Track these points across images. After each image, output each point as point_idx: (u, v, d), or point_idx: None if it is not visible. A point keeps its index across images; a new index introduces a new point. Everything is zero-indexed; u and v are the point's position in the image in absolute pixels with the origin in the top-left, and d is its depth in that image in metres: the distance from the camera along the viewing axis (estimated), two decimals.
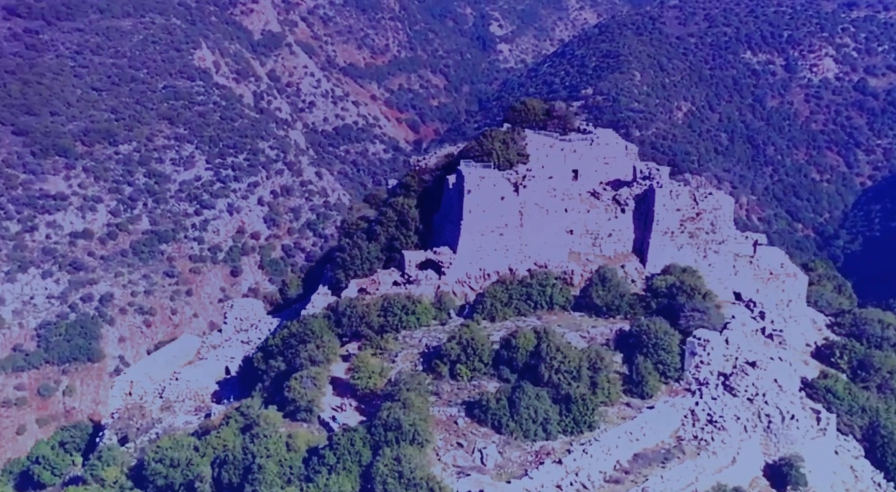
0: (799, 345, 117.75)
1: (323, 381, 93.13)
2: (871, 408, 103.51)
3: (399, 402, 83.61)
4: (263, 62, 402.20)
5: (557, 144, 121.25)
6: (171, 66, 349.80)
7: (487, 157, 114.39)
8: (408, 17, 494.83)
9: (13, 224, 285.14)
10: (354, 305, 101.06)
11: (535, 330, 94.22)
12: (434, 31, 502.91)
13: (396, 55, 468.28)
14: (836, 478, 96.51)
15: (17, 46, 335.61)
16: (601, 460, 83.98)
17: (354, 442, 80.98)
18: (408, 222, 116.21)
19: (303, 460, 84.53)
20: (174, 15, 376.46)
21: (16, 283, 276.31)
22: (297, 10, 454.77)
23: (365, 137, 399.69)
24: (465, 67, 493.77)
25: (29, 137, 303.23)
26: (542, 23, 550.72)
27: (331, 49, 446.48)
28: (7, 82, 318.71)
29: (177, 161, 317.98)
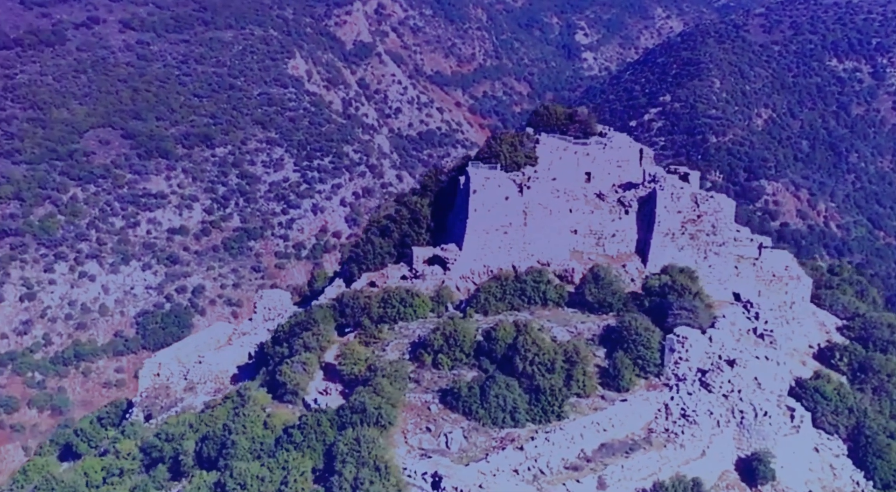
0: (801, 346, 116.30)
1: (313, 366, 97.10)
2: (858, 409, 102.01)
3: (371, 387, 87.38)
4: (354, 71, 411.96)
5: (571, 147, 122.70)
6: (267, 74, 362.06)
7: (495, 159, 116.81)
8: (494, 27, 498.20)
9: (118, 220, 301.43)
10: (357, 297, 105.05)
11: (515, 323, 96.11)
12: (520, 40, 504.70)
13: (482, 64, 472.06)
14: (811, 475, 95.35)
15: (130, 57, 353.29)
16: (564, 448, 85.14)
17: (321, 422, 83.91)
18: (419, 220, 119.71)
19: (276, 438, 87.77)
20: (272, 27, 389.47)
21: (119, 274, 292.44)
22: (389, 21, 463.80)
23: (447, 141, 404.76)
24: (549, 75, 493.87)
25: (136, 140, 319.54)
26: (627, 31, 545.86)
27: (419, 58, 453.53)
28: (119, 90, 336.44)
29: (267, 163, 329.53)
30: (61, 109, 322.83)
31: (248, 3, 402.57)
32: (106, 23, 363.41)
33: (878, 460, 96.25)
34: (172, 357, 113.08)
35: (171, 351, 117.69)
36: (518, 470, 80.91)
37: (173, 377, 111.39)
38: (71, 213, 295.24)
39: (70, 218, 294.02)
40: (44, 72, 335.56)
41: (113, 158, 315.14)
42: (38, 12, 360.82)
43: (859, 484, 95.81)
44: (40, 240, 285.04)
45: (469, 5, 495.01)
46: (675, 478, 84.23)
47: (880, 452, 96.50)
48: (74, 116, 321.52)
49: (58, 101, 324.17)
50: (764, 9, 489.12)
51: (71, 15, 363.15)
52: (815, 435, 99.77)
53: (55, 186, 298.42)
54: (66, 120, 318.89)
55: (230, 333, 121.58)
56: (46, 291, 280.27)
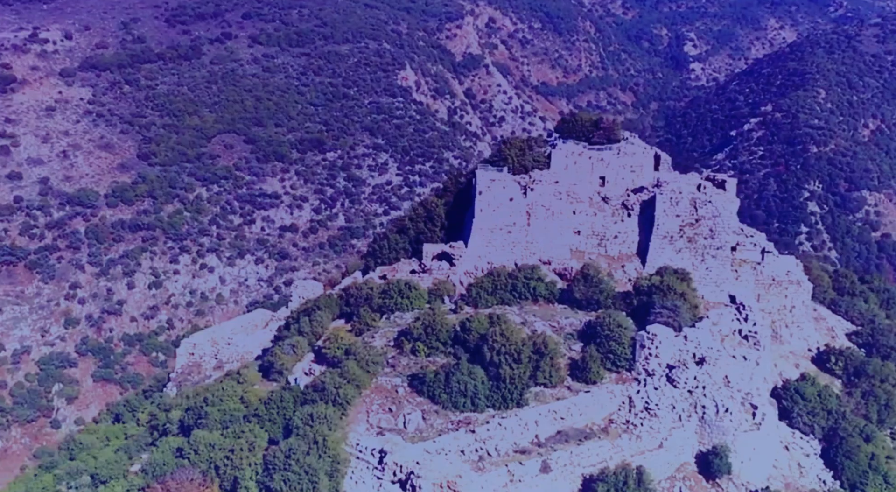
0: (800, 349, 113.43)
1: (304, 349, 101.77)
2: (837, 411, 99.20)
3: (339, 369, 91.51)
4: (462, 81, 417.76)
5: (585, 153, 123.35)
6: (378, 84, 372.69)
7: (504, 162, 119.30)
8: (602, 39, 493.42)
9: (236, 218, 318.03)
10: (361, 288, 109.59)
11: (489, 315, 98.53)
12: (627, 51, 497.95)
13: (587, 74, 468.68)
14: (775, 471, 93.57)
15: (256, 69, 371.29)
16: (516, 433, 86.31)
17: (284, 399, 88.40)
18: (434, 219, 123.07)
19: (251, 413, 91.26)
20: (385, 40, 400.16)
21: (234, 266, 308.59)
22: (498, 35, 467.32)
23: None
24: (654, 85, 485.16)
25: (256, 144, 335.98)
26: (737, 42, 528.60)
27: (525, 69, 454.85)
28: (244, 99, 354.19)
29: (373, 167, 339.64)
30: (193, 117, 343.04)
31: (366, 18, 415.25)
32: (237, 38, 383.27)
33: (846, 461, 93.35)
34: (208, 338, 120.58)
35: (208, 332, 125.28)
36: (465, 451, 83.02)
37: (205, 357, 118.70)
38: (195, 210, 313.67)
39: (194, 215, 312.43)
40: (181, 83, 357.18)
41: (235, 160, 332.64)
42: (179, 29, 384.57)
43: (826, 483, 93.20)
44: (168, 234, 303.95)
45: (578, 19, 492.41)
46: (620, 466, 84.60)
47: (849, 452, 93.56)
48: (204, 123, 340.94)
49: (190, 109, 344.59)
50: (880, 19, 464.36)
51: (207, 31, 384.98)
52: (788, 434, 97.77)
53: (183, 186, 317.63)
54: (197, 126, 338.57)
55: (268, 319, 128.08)
56: (171, 280, 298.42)
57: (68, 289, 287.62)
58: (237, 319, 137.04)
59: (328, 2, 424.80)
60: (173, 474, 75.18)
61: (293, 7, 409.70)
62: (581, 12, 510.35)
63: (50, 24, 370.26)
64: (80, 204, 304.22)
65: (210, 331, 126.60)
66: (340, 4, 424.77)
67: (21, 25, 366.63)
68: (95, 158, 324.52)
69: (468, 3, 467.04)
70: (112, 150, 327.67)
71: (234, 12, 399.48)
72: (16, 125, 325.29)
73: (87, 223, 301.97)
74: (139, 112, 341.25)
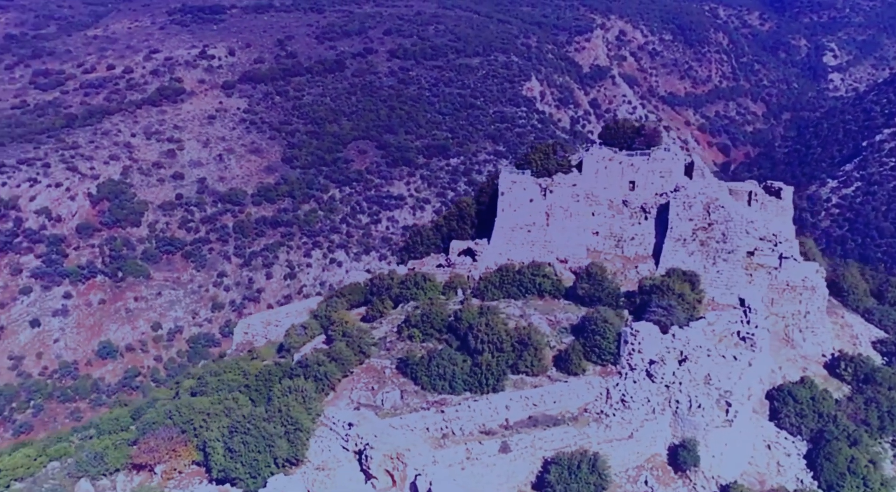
0: (813, 354, 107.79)
1: (315, 330, 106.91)
2: (829, 414, 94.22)
3: (328, 348, 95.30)
4: (588, 92, 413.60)
5: (616, 157, 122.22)
6: (503, 95, 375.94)
7: (528, 165, 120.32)
8: (735, 50, 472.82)
9: (364, 217, 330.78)
10: (383, 278, 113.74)
11: (480, 307, 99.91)
12: (761, 62, 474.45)
13: (717, 85, 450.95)
14: (750, 468, 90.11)
15: (392, 81, 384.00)
16: (485, 416, 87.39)
17: (272, 372, 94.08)
18: (465, 218, 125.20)
19: (244, 384, 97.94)
20: (514, 53, 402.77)
21: (360, 262, 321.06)
22: (628, 47, 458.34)
23: None
24: (788, 96, 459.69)
25: (386, 150, 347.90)
26: (882, 52, 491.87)
27: (653, 80, 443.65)
28: (379, 108, 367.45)
29: (493, 173, 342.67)
30: (333, 124, 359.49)
31: (497, 33, 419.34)
32: (377, 53, 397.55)
33: (826, 462, 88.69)
34: (262, 320, 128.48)
35: (263, 315, 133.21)
36: (430, 428, 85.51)
37: (257, 336, 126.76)
38: (329, 209, 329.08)
39: (327, 214, 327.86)
40: (324, 93, 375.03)
41: (367, 164, 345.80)
42: (327, 45, 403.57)
43: (803, 482, 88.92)
44: (303, 230, 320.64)
45: (710, 30, 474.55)
46: (578, 451, 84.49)
47: (830, 454, 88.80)
48: (342, 130, 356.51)
49: (331, 118, 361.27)
50: None
51: (351, 47, 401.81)
52: (773, 433, 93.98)
53: (319, 187, 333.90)
54: (335, 133, 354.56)
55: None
56: (304, 272, 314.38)
57: (216, 277, 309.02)
58: (293, 304, 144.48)
59: (463, 18, 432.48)
60: (157, 432, 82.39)
61: (430, 23, 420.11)
62: (714, 24, 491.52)
63: (217, 42, 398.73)
64: (230, 202, 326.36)
65: (265, 314, 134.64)
66: (475, 20, 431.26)
67: (193, 43, 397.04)
68: (246, 162, 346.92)
69: (599, 17, 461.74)
70: (261, 154, 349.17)
71: (376, 29, 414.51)
72: (182, 131, 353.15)
73: (235, 219, 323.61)
74: (286, 120, 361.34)
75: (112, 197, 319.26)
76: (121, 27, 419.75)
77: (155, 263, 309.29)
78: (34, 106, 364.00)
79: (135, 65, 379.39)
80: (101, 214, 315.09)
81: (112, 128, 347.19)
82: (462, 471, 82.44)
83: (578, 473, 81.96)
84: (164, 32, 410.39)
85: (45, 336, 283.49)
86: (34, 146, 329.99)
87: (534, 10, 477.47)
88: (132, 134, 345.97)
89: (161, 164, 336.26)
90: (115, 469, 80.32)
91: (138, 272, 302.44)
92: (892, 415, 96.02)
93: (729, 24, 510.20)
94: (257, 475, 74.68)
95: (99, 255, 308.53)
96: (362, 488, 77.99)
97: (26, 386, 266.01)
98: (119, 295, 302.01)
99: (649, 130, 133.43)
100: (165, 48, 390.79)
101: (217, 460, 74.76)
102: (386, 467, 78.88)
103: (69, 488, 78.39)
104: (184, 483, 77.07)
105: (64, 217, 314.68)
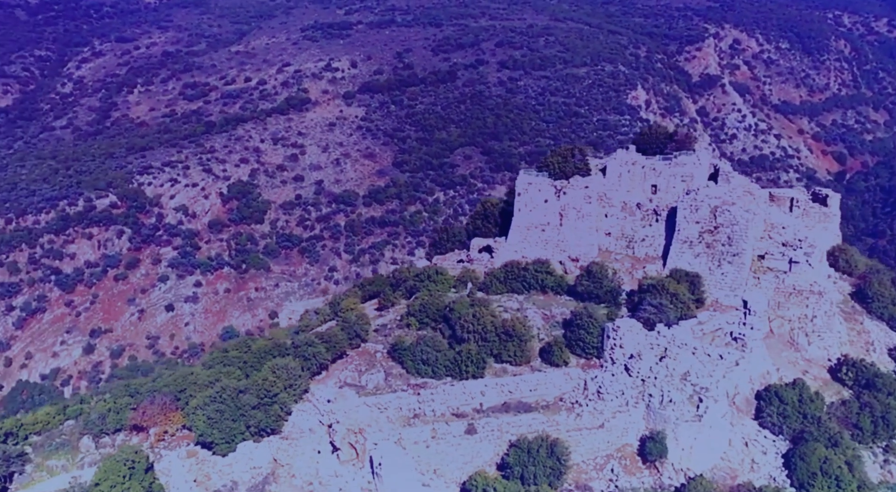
0: (818, 358, 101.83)
1: (326, 315, 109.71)
2: (813, 416, 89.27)
3: (323, 332, 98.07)
4: (696, 100, 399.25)
5: (640, 162, 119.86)
6: (608, 103, 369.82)
7: (546, 168, 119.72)
8: (858, 57, 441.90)
9: (465, 218, 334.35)
10: (401, 271, 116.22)
11: (472, 299, 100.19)
12: (886, 69, 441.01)
13: (835, 93, 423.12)
14: (723, 463, 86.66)
15: (500, 90, 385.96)
16: (459, 400, 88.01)
17: (269, 350, 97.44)
18: (488, 217, 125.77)
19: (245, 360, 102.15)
20: (622, 63, 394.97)
21: None
22: (742, 55, 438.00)
23: (779, 166, 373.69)
24: None
25: (490, 156, 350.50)
26: None
27: (767, 88, 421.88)
28: (486, 116, 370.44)
29: None
30: (442, 131, 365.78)
31: (606, 44, 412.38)
32: (488, 64, 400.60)
33: (799, 461, 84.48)
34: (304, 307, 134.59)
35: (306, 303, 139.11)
36: (403, 408, 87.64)
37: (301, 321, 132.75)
38: (433, 211, 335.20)
39: (431, 215, 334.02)
40: (436, 102, 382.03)
41: (471, 170, 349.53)
42: (441, 57, 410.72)
43: (776, 480, 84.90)
44: (408, 230, 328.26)
45: (831, 38, 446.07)
46: (540, 435, 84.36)
47: (804, 454, 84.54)
48: (450, 136, 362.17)
49: (440, 125, 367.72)
50: None
51: (464, 58, 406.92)
52: (753, 431, 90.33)
53: (425, 190, 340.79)
54: (443, 139, 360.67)
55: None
56: None
57: (328, 271, 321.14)
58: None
59: (574, 30, 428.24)
60: (153, 399, 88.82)
61: (541, 35, 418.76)
62: (836, 31, 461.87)
63: (342, 55, 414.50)
64: (343, 202, 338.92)
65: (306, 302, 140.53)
66: (585, 32, 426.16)
67: (321, 57, 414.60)
68: (360, 165, 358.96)
69: (713, 27, 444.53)
70: (374, 158, 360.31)
71: (489, 41, 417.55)
72: (305, 137, 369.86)
73: (347, 218, 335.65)
74: (399, 127, 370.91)
75: (240, 196, 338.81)
76: (260, 43, 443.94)
77: (274, 257, 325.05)
78: (181, 114, 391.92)
79: (268, 77, 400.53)
80: (230, 211, 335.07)
81: (244, 134, 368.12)
82: (427, 449, 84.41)
83: (536, 456, 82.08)
84: (297, 47, 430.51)
85: (177, 319, 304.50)
86: (177, 150, 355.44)
87: (646, 20, 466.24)
88: (261, 139, 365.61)
89: (284, 167, 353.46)
90: (116, 429, 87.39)
91: (259, 265, 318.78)
92: (887, 420, 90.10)
93: (853, 31, 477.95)
94: (231, 441, 79.51)
95: (226, 248, 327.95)
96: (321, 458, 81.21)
97: (160, 363, 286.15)
98: (242, 285, 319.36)
99: (681, 135, 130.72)
100: (296, 61, 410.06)
101: (198, 425, 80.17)
102: (349, 441, 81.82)
103: (75, 443, 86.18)
104: (172, 445, 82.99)
105: (198, 214, 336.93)
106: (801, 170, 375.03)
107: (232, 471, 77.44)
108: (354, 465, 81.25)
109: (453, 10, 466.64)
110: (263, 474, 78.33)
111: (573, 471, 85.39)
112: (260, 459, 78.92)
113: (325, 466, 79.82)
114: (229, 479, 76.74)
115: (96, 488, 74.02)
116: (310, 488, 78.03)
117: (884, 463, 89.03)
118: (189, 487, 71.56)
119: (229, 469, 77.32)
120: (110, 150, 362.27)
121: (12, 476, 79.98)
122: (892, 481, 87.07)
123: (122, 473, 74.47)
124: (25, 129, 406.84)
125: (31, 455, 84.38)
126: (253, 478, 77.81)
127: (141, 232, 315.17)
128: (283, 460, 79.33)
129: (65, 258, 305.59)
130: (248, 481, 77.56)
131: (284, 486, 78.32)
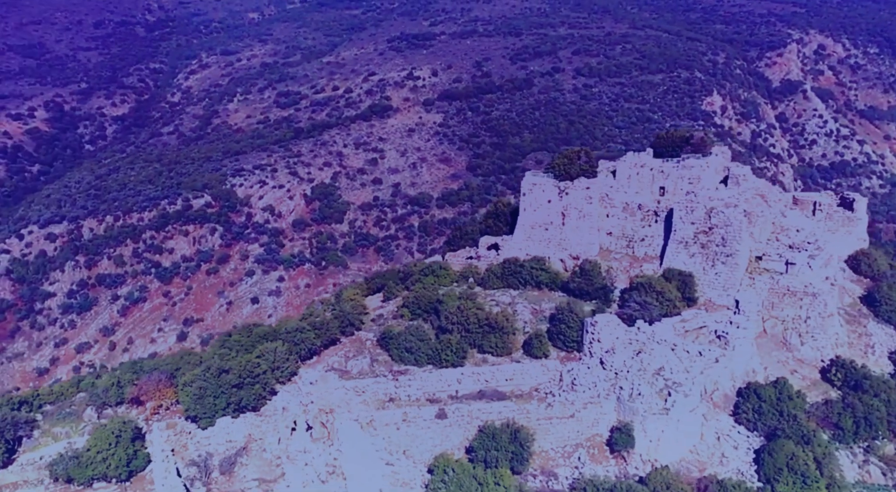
0: (811, 358, 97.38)
1: (330, 305, 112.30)
2: (789, 414, 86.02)
3: (315, 321, 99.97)
4: (775, 106, 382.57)
5: (648, 164, 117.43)
6: (682, 109, 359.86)
7: (552, 170, 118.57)
8: None
9: None
10: (409, 266, 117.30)
11: (460, 293, 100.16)
12: None
13: None
14: (692, 457, 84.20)
15: (575, 97, 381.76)
16: (435, 387, 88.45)
17: (266, 335, 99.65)
18: (499, 215, 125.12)
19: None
20: (698, 69, 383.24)
21: None
22: (827, 61, 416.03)
23: (861, 172, 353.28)
24: None
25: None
26: None
27: (852, 93, 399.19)
28: (559, 122, 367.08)
29: None
30: (515, 137, 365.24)
31: (683, 50, 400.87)
32: (564, 71, 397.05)
33: (767, 457, 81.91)
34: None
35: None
36: (380, 392, 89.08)
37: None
38: None
39: None
40: (511, 109, 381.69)
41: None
42: (519, 65, 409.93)
43: (743, 474, 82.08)
44: None
45: None
46: (506, 421, 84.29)
47: (773, 450, 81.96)
48: (523, 142, 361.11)
49: (514, 131, 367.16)
50: None
51: (541, 66, 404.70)
52: (727, 426, 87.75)
53: (496, 193, 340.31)
54: (517, 145, 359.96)
55: None
56: None
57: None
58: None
59: (652, 37, 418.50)
60: (151, 375, 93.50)
61: (619, 43, 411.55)
62: None
63: (424, 64, 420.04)
64: (417, 204, 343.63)
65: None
66: (663, 39, 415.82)
67: (404, 66, 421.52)
68: (436, 170, 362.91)
69: (797, 32, 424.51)
70: (449, 163, 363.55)
71: (566, 49, 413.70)
72: (385, 142, 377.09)
73: (420, 220, 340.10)
74: (475, 133, 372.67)
75: (322, 197, 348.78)
76: (349, 54, 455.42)
77: (352, 256, 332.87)
78: (273, 121, 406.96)
79: (354, 86, 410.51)
80: (313, 211, 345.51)
81: (329, 139, 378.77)
82: (397, 430, 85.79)
83: (499, 440, 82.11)
84: (382, 57, 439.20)
85: (261, 312, 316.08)
86: (267, 154, 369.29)
87: (727, 27, 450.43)
88: (344, 144, 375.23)
89: (364, 170, 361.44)
90: (118, 402, 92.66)
91: (338, 262, 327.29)
92: (869, 421, 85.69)
93: None
94: (213, 416, 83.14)
95: (308, 246, 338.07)
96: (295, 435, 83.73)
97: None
98: (321, 281, 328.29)
99: (697, 139, 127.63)
100: (381, 71, 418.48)
101: (185, 400, 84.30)
102: (321, 420, 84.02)
103: (80, 413, 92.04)
104: (165, 417, 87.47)
105: (283, 213, 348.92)
106: (884, 176, 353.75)
107: (209, 443, 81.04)
108: (325, 443, 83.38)
109: (533, 20, 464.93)
110: (237, 448, 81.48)
111: (541, 457, 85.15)
112: (237, 433, 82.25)
113: (295, 442, 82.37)
114: (205, 450, 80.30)
115: (86, 453, 79.20)
116: (278, 460, 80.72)
117: (863, 463, 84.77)
118: (166, 455, 75.42)
119: (206, 441, 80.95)
120: (208, 154, 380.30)
121: (21, 440, 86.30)
122: (870, 481, 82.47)
123: (110, 441, 79.39)
124: (138, 134, 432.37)
125: (40, 422, 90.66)
126: (227, 451, 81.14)
127: (231, 230, 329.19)
128: (257, 435, 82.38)
129: (164, 253, 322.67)
130: (223, 453, 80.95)
131: (255, 458, 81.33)
